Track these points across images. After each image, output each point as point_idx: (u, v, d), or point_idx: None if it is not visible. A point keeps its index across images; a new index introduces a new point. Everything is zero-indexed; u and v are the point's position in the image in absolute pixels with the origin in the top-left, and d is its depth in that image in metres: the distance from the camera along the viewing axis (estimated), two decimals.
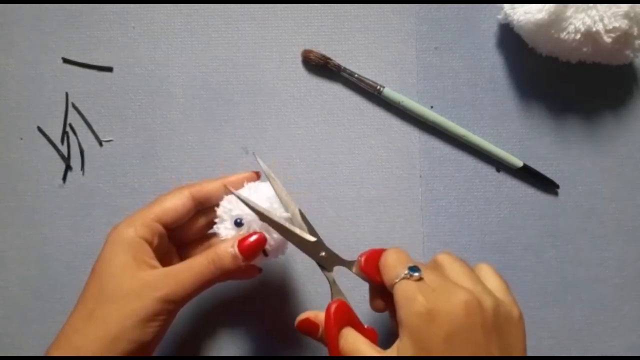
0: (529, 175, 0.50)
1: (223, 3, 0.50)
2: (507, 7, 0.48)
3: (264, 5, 0.50)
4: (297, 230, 0.38)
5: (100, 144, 0.49)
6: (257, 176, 0.41)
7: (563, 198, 0.50)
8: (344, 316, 0.36)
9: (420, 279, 0.33)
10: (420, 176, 0.50)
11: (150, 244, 0.36)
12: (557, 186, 0.50)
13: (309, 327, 0.37)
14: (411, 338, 0.32)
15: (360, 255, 0.38)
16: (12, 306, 0.47)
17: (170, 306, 0.34)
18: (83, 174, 0.49)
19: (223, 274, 0.35)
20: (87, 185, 0.49)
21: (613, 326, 0.49)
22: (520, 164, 0.49)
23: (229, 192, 0.38)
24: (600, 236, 0.50)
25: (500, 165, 0.50)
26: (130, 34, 0.50)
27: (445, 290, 0.32)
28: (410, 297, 0.32)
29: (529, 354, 0.49)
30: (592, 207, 0.50)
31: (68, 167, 0.49)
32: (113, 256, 0.35)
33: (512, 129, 0.50)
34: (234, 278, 0.41)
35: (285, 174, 0.49)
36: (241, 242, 0.36)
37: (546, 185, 0.50)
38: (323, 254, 0.38)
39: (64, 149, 0.49)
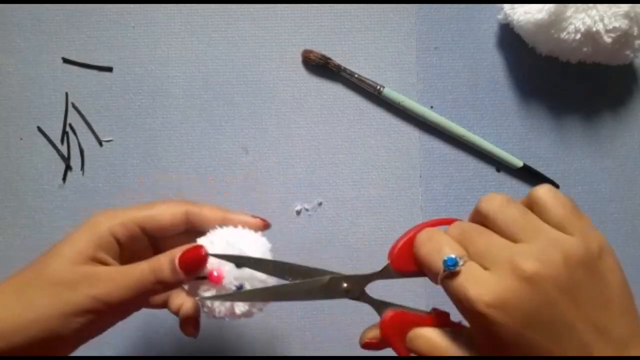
0: (529, 175, 0.50)
1: (223, 3, 0.50)
2: (507, 7, 0.48)
3: (264, 5, 0.50)
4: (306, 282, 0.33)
5: (100, 144, 0.49)
6: (265, 226, 0.36)
7: None
8: (400, 326, 0.32)
9: (459, 271, 0.28)
10: (420, 176, 0.50)
11: (120, 244, 0.35)
12: (557, 186, 0.50)
13: (376, 347, 0.33)
14: (483, 338, 0.28)
15: (390, 254, 0.33)
16: None
17: (101, 306, 0.31)
18: (83, 174, 0.49)
19: (162, 288, 0.32)
20: (87, 185, 0.49)
21: None
22: (520, 164, 0.49)
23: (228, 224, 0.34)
24: None
25: (500, 165, 0.50)
26: (130, 34, 0.50)
27: (500, 267, 0.27)
28: (461, 297, 0.27)
29: None
30: (592, 207, 0.50)
31: (68, 167, 0.49)
32: (74, 241, 0.34)
33: (512, 129, 0.50)
34: (185, 328, 0.37)
35: (285, 174, 0.49)
36: (181, 257, 0.32)
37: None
38: (345, 285, 0.33)
39: (64, 149, 0.49)
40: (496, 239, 0.29)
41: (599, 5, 0.43)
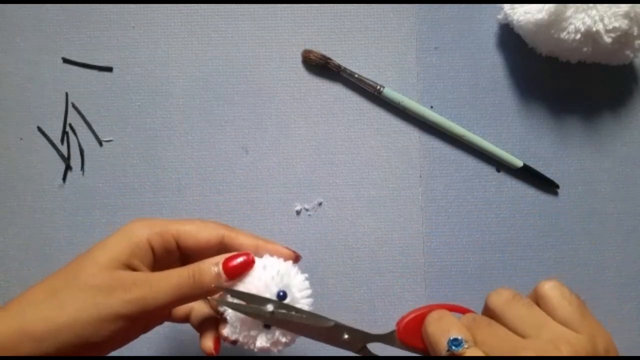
0: (529, 175, 0.50)
1: (223, 3, 0.50)
2: (507, 7, 0.48)
3: (264, 5, 0.50)
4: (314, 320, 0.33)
5: (100, 144, 0.49)
6: (297, 259, 0.36)
7: (563, 198, 0.50)
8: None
9: (462, 353, 0.29)
10: (420, 176, 0.50)
11: (154, 254, 0.35)
12: (557, 186, 0.50)
13: None
14: None
15: (398, 323, 0.34)
16: None
17: (135, 312, 0.31)
18: (83, 174, 0.49)
19: (202, 293, 0.33)
20: (87, 185, 0.49)
21: (613, 326, 0.49)
22: (520, 164, 0.49)
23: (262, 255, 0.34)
24: (600, 236, 0.50)
25: (500, 165, 0.50)
26: (130, 34, 0.50)
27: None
28: None
29: None
30: (592, 207, 0.50)
31: (68, 167, 0.49)
32: (109, 245, 0.34)
33: (512, 129, 0.50)
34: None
35: (285, 174, 0.49)
36: (227, 260, 0.33)
37: (546, 185, 0.50)
38: (346, 336, 0.33)
39: (64, 149, 0.49)
40: (502, 332, 0.30)
41: (599, 5, 0.43)
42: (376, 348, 0.34)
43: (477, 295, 0.49)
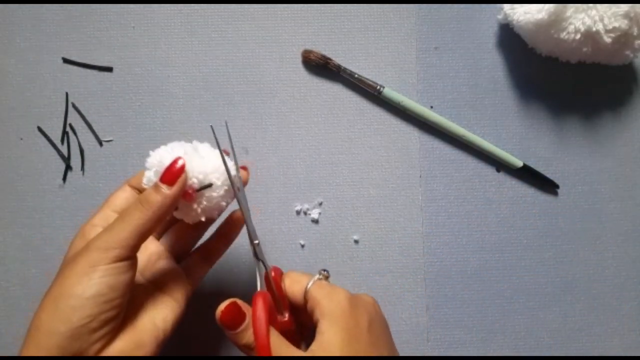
0: (528, 175, 0.50)
1: (223, 3, 0.50)
2: (507, 7, 0.48)
3: (264, 5, 0.50)
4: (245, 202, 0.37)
5: (101, 144, 0.49)
6: None
7: (563, 198, 0.50)
8: (271, 311, 0.35)
9: (328, 277, 0.37)
10: (420, 176, 0.50)
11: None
12: (557, 186, 0.50)
13: (235, 317, 0.34)
14: (338, 325, 0.33)
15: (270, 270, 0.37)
16: (13, 306, 0.47)
17: (108, 253, 0.32)
18: (83, 174, 0.49)
19: (161, 214, 0.34)
20: (87, 185, 0.49)
21: (613, 326, 0.49)
22: (520, 164, 0.49)
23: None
24: (600, 236, 0.50)
25: (500, 165, 0.50)
26: (130, 34, 0.50)
27: (345, 291, 0.36)
28: (331, 290, 0.35)
29: (530, 354, 0.49)
30: (592, 207, 0.50)
31: (68, 167, 0.49)
32: (71, 247, 0.37)
33: (512, 129, 0.50)
34: (193, 236, 0.41)
35: (285, 174, 0.49)
36: (161, 175, 0.34)
37: (546, 185, 0.50)
38: (257, 241, 0.36)
39: (64, 149, 0.49)
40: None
41: (598, 5, 0.43)
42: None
43: (477, 295, 0.49)
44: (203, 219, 0.37)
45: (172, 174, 0.34)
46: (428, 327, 0.48)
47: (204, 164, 0.35)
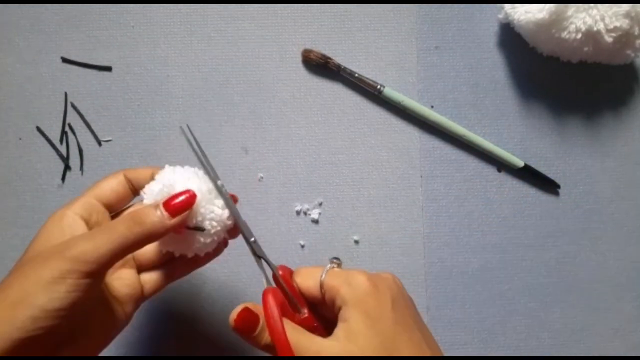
0: (529, 175, 0.50)
1: (223, 3, 0.50)
2: (507, 6, 0.48)
3: (264, 5, 0.50)
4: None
5: (99, 143, 0.49)
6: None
7: (564, 198, 0.50)
8: (284, 305, 0.33)
9: (340, 264, 0.36)
10: (421, 176, 0.50)
11: (87, 221, 0.35)
12: (558, 186, 0.50)
13: (249, 321, 0.32)
14: (361, 308, 0.32)
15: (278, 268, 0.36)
16: None
17: (82, 266, 0.30)
18: (82, 173, 0.49)
19: (151, 239, 0.32)
20: (86, 185, 0.48)
21: (613, 326, 0.49)
22: (521, 164, 0.49)
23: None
24: (600, 236, 0.50)
25: (501, 165, 0.50)
26: (130, 33, 0.50)
27: (363, 272, 0.35)
28: (348, 275, 0.34)
29: (531, 354, 0.49)
30: (593, 207, 0.50)
31: (67, 167, 0.49)
32: (43, 231, 0.35)
33: (513, 129, 0.50)
34: (195, 266, 0.39)
35: (285, 174, 0.49)
36: (168, 200, 0.33)
37: (547, 185, 0.50)
38: (252, 239, 0.36)
39: (63, 148, 0.49)
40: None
41: (599, 5, 0.43)
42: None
43: (478, 295, 0.49)
44: (177, 255, 0.36)
45: (179, 206, 0.33)
46: (429, 327, 0.48)
47: (212, 209, 0.34)
